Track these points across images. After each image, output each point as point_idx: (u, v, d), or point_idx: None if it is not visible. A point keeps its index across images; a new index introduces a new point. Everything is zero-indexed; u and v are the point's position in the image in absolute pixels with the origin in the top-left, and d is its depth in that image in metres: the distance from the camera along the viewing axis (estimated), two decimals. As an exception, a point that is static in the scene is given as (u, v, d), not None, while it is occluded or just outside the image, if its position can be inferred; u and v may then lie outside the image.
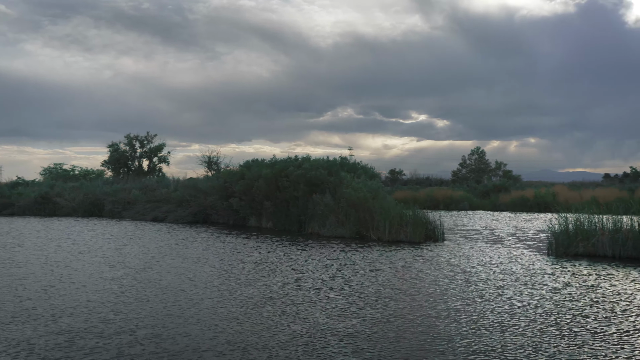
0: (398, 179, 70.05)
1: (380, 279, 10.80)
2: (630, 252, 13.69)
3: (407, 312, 7.98)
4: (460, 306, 8.31)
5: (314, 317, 7.66)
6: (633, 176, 66.58)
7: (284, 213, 22.95)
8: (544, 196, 38.70)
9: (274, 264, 12.85)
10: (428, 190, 46.93)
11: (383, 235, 18.19)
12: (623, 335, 6.69)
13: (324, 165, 23.38)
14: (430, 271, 11.74)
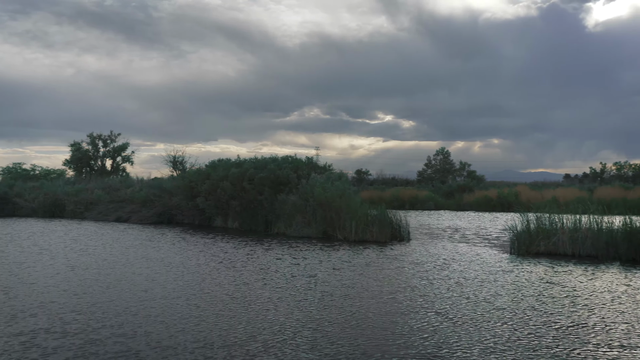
0: (364, 179, 70.37)
1: (344, 277, 10.86)
2: (589, 251, 14.05)
3: (369, 310, 8.09)
4: (421, 303, 8.46)
5: (275, 315, 7.69)
6: (592, 176, 68.31)
7: (250, 213, 22.85)
8: (507, 196, 39.43)
9: (238, 263, 12.79)
10: (394, 190, 47.31)
11: (349, 235, 18.27)
12: (577, 329, 6.91)
13: (291, 166, 23.37)
14: (394, 270, 11.86)
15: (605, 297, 9.03)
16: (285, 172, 22.59)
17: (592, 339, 6.55)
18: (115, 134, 66.54)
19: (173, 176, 37.20)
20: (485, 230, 22.31)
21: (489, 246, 16.38)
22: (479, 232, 21.12)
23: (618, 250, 13.66)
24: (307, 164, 24.26)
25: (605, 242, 13.85)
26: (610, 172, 69.08)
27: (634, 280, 10.61)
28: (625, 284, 10.18)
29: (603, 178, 66.32)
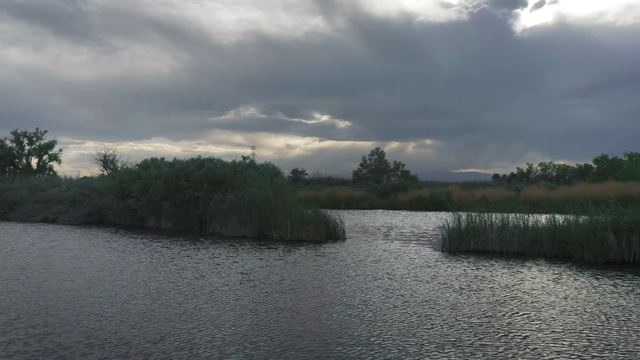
0: (300, 178, 70.54)
1: (277, 274, 10.87)
2: (516, 248, 14.60)
3: (301, 303, 8.19)
4: (350, 300, 8.58)
5: (210, 314, 7.61)
6: (519, 176, 71.09)
7: (184, 213, 22.44)
8: (439, 195, 40.45)
9: (170, 262, 12.54)
10: (330, 189, 47.63)
11: (285, 235, 18.25)
12: (485, 319, 7.19)
13: (228, 165, 23.12)
14: (326, 267, 11.95)
15: (519, 290, 9.42)
16: (222, 171, 22.32)
17: (498, 330, 6.92)
18: (41, 131, 63.92)
19: (103, 175, 36.09)
20: (419, 228, 22.79)
21: (421, 244, 16.73)
22: (413, 231, 21.55)
23: (543, 247, 14.25)
24: (244, 163, 24.07)
25: (531, 240, 14.43)
26: (536, 173, 72.14)
27: (546, 274, 11.09)
28: (537, 278, 10.63)
29: (529, 178, 69.15)
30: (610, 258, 12.97)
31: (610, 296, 9.10)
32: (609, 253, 13.00)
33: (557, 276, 11.10)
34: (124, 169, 29.05)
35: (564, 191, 37.43)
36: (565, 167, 72.20)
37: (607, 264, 12.78)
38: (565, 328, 7.03)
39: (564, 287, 9.94)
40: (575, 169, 69.22)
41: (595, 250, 13.06)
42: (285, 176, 35.88)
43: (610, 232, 13.07)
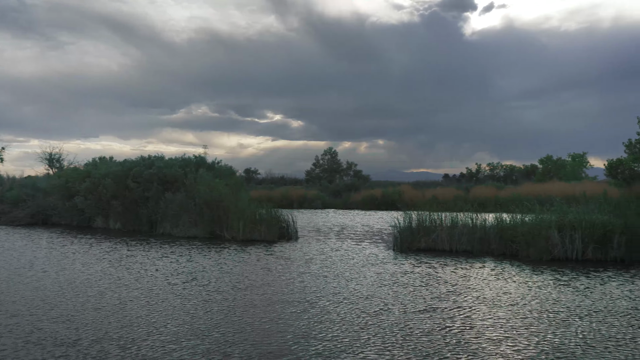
0: (253, 178, 70.16)
1: (226, 275, 10.79)
2: (465, 246, 14.90)
3: (245, 305, 8.20)
4: (295, 297, 8.62)
5: (154, 313, 7.54)
6: (468, 176, 72.60)
7: (133, 213, 21.99)
8: (391, 195, 40.90)
9: (117, 263, 12.27)
10: (283, 189, 47.54)
11: (237, 235, 18.11)
12: (425, 313, 7.33)
13: (179, 164, 22.77)
14: (278, 267, 11.93)
15: (463, 286, 9.65)
16: (173, 170, 21.97)
17: (436, 324, 7.19)
18: (-18, 129, 61.44)
19: (49, 175, 35.00)
20: (371, 228, 22.98)
21: (373, 243, 16.88)
22: (365, 230, 21.72)
23: (490, 246, 14.60)
24: (195, 162, 23.76)
25: (479, 238, 14.76)
26: (484, 173, 73.81)
27: (490, 271, 11.38)
28: (481, 275, 10.90)
29: (478, 178, 70.70)
30: (555, 255, 13.39)
31: (546, 290, 9.52)
32: (553, 251, 13.43)
33: (500, 273, 11.42)
34: (70, 168, 28.25)
35: (511, 191, 38.43)
36: (512, 167, 74.16)
37: (551, 261, 13.19)
38: (500, 321, 7.37)
39: (505, 282, 10.26)
40: (522, 169, 71.17)
41: (540, 248, 13.46)
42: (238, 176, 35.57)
43: (554, 230, 13.50)
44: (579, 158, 62.53)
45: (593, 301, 8.70)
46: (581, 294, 9.26)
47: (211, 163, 24.55)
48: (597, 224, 13.38)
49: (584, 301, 8.71)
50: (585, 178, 57.06)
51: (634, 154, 36.33)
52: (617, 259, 13.10)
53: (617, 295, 9.20)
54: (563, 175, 55.71)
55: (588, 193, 27.19)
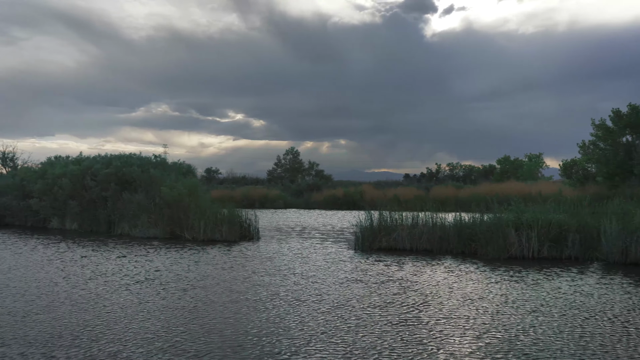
0: (214, 177, 69.61)
1: (183, 275, 10.70)
2: (425, 245, 15.08)
3: (199, 304, 8.23)
4: (256, 298, 8.61)
5: (110, 313, 7.41)
6: (429, 176, 73.57)
7: (91, 213, 21.51)
8: (353, 195, 41.14)
9: (72, 264, 11.99)
10: (244, 189, 47.26)
11: (198, 235, 17.93)
12: (402, 309, 7.46)
13: (137, 163, 22.39)
14: (237, 267, 11.87)
15: (419, 284, 9.80)
16: (131, 170, 21.59)
17: (387, 320, 7.38)
18: None
19: (2, 174, 34.00)
20: (332, 227, 23.06)
21: (334, 243, 16.94)
22: (326, 230, 21.78)
23: (450, 245, 14.81)
24: (154, 161, 23.41)
25: (439, 237, 14.96)
26: (444, 172, 74.91)
27: (447, 269, 11.57)
28: (438, 273, 11.07)
29: (438, 178, 71.71)
30: (512, 254, 13.69)
31: (499, 287, 9.81)
32: (511, 249, 13.72)
33: (458, 271, 11.65)
34: (25, 167, 27.48)
35: (470, 190, 39.12)
36: (471, 167, 75.49)
37: (508, 259, 13.47)
38: (453, 316, 7.61)
39: (461, 280, 10.51)
40: (481, 169, 72.50)
41: (498, 247, 13.73)
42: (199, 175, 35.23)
43: (511, 229, 13.80)
44: (535, 158, 64.07)
45: (542, 296, 9.00)
46: (531, 290, 9.57)
47: (171, 162, 24.25)
48: (552, 223, 13.74)
49: (533, 296, 9.01)
50: (541, 178, 58.58)
51: (588, 155, 37.41)
52: (572, 257, 13.47)
53: (564, 290, 9.55)
54: (520, 175, 57.02)
55: (544, 193, 27.86)
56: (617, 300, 8.78)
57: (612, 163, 34.06)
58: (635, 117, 34.32)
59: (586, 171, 39.67)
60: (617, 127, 35.10)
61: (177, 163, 24.80)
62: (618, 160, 33.78)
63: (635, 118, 34.35)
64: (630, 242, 12.63)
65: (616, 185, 32.12)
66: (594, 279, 10.78)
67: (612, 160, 34.23)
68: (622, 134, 35.21)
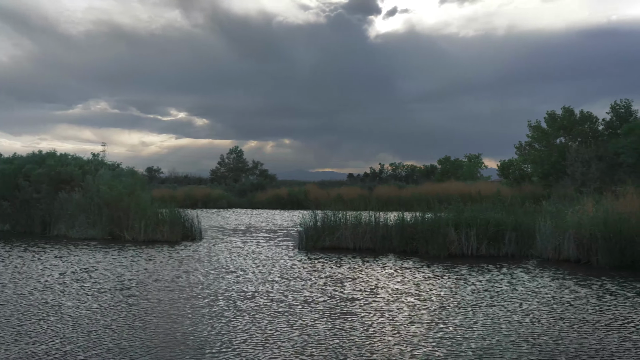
0: (156, 177, 68.30)
1: (121, 276, 10.48)
2: (368, 244, 15.24)
3: (124, 305, 8.16)
4: (195, 297, 8.56)
5: (38, 314, 7.18)
6: (372, 176, 74.45)
7: (24, 213, 20.68)
8: (297, 194, 41.21)
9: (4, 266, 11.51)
10: (187, 188, 46.60)
11: (138, 236, 17.51)
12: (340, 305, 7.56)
13: (74, 162, 21.68)
14: (176, 268, 11.70)
15: (360, 282, 9.95)
16: (68, 169, 20.88)
17: (320, 316, 7.54)
18: None
19: None
20: (276, 227, 23.01)
21: (278, 243, 16.91)
22: (270, 229, 21.71)
23: (392, 243, 15.03)
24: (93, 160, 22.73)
25: (381, 236, 15.15)
26: (387, 172, 76.00)
27: (387, 267, 11.76)
28: (378, 271, 11.24)
29: (381, 177, 72.69)
30: (452, 252, 14.01)
31: (435, 283, 10.11)
32: (451, 247, 14.05)
33: (398, 269, 11.89)
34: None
35: (412, 190, 39.86)
36: (413, 167, 76.89)
37: (448, 257, 13.78)
38: (388, 312, 7.82)
39: (400, 278, 10.76)
40: (422, 170, 73.92)
41: (438, 245, 14.02)
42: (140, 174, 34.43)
43: (451, 228, 14.12)
44: (474, 159, 65.81)
45: (476, 292, 9.34)
46: (466, 285, 9.92)
47: (110, 162, 23.62)
48: (490, 222, 14.15)
49: (467, 292, 9.36)
50: (480, 178, 60.23)
51: (524, 156, 38.73)
52: (509, 255, 13.91)
53: (490, 285, 10.00)
54: (460, 175, 58.43)
55: (483, 192, 28.65)
56: (538, 294, 9.21)
57: (547, 163, 35.38)
58: (569, 120, 35.78)
59: (522, 171, 41.07)
60: (551, 129, 36.50)
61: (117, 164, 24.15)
62: (552, 161, 35.11)
63: (568, 120, 35.80)
64: (562, 240, 13.13)
65: (550, 185, 33.37)
66: (524, 275, 11.19)
67: (547, 160, 35.56)
68: (556, 135, 36.66)
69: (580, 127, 35.58)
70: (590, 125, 36.03)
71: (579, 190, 23.73)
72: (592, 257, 12.56)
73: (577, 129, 35.55)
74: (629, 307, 8.26)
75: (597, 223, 12.55)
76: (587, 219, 12.89)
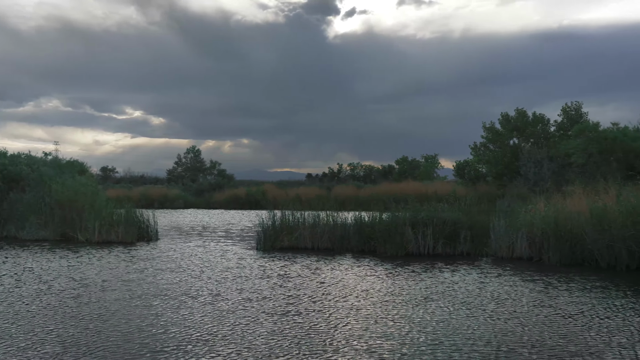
0: (110, 176, 66.94)
1: (70, 278, 10.29)
2: (326, 244, 15.30)
3: (88, 305, 8.10)
4: (146, 298, 8.47)
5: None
6: (330, 176, 74.64)
7: (-28, 214, 19.94)
8: (255, 194, 41.02)
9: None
10: (143, 188, 45.86)
11: (92, 236, 17.11)
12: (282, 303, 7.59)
13: (25, 161, 21.05)
14: (133, 269, 11.53)
15: (314, 281, 10.03)
16: (18, 168, 20.26)
17: (272, 313, 7.47)
18: None
19: None
20: (234, 227, 22.86)
21: (235, 243, 16.80)
22: (228, 230, 21.55)
23: (350, 243, 15.11)
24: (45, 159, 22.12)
25: (340, 236, 15.22)
26: (345, 172, 76.25)
27: (342, 266, 11.86)
28: (334, 270, 11.32)
29: (340, 177, 72.92)
30: (409, 251, 14.19)
31: (382, 281, 10.41)
32: (408, 246, 14.22)
33: (356, 268, 12.01)
34: None
35: (370, 190, 40.17)
36: (371, 167, 77.38)
37: (406, 256, 13.95)
38: (342, 309, 7.94)
39: (356, 276, 10.95)
40: (380, 170, 74.49)
41: (396, 244, 14.18)
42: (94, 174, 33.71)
43: (408, 227, 14.30)
44: (431, 159, 66.78)
45: (426, 288, 9.66)
46: (417, 282, 10.19)
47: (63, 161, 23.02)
48: (446, 221, 14.38)
49: (417, 288, 9.66)
50: (436, 178, 61.11)
51: (479, 156, 39.48)
52: (464, 253, 14.17)
53: (448, 282, 10.32)
54: (417, 175, 59.17)
55: (439, 192, 29.12)
56: (485, 290, 9.56)
57: (501, 164, 36.16)
58: (522, 121, 36.66)
59: (477, 171, 41.86)
60: (505, 130, 37.31)
61: (70, 161, 23.59)
62: (506, 161, 35.92)
63: (521, 122, 36.68)
64: (516, 239, 13.46)
65: (504, 185, 34.11)
66: (476, 272, 11.47)
67: (501, 161, 36.35)
68: (510, 136, 37.48)
69: (532, 129, 36.45)
70: (542, 126, 36.97)
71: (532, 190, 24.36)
72: (543, 255, 12.91)
73: (530, 130, 36.41)
74: (569, 300, 8.73)
75: (548, 222, 12.93)
76: (539, 218, 13.26)
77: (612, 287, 9.76)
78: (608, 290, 9.47)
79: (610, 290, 9.47)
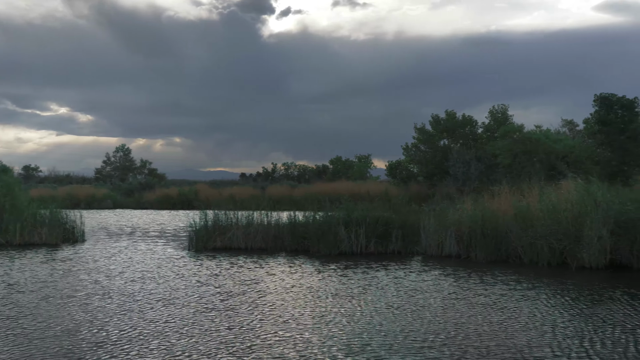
0: (34, 176, 64.15)
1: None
2: (260, 244, 15.21)
3: (6, 312, 7.83)
4: (69, 300, 8.39)
5: None
6: (265, 175, 74.33)
7: None
8: (187, 194, 40.31)
9: None
10: (69, 188, 44.18)
11: (13, 238, 16.30)
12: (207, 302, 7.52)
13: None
14: (57, 271, 11.18)
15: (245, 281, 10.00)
16: None
17: (202, 314, 7.70)
18: None
19: None
20: (165, 227, 22.39)
21: (166, 244, 16.46)
22: (159, 230, 21.09)
23: (284, 243, 15.09)
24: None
25: (273, 236, 15.17)
26: (279, 172, 76.13)
27: (274, 266, 11.87)
28: (264, 270, 11.32)
29: (274, 177, 72.74)
30: (342, 250, 14.30)
31: (315, 278, 10.71)
32: (341, 245, 14.33)
33: (288, 267, 12.14)
34: None
35: (304, 190, 40.32)
36: (305, 167, 77.57)
37: (339, 255, 14.05)
38: (273, 307, 8.12)
39: (288, 275, 11.11)
40: (314, 169, 74.80)
41: (329, 243, 14.27)
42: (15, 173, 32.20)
43: (342, 226, 14.41)
44: (364, 159, 67.64)
45: (353, 285, 9.96)
46: (344, 280, 10.51)
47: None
48: (379, 221, 14.58)
49: (344, 285, 9.94)
50: (369, 178, 61.92)
51: (410, 157, 40.37)
52: (395, 251, 14.41)
53: (375, 279, 10.66)
54: (351, 175, 59.76)
55: (372, 192, 29.54)
56: (406, 285, 10.03)
57: (431, 164, 37.13)
58: (451, 123, 37.75)
59: (409, 171, 42.79)
60: (435, 131, 38.33)
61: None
62: (436, 162, 36.92)
63: (451, 123, 37.76)
64: (445, 237, 13.82)
65: (434, 184, 35.04)
66: (402, 269, 11.83)
67: (431, 161, 37.32)
68: (440, 137, 38.54)
69: (461, 130, 37.62)
70: (470, 128, 38.20)
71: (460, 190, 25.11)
72: (471, 253, 13.33)
73: (459, 132, 37.57)
74: (483, 292, 9.35)
75: (475, 220, 13.36)
76: (467, 217, 13.67)
77: (524, 280, 10.48)
78: (520, 283, 10.18)
79: (522, 283, 10.19)
